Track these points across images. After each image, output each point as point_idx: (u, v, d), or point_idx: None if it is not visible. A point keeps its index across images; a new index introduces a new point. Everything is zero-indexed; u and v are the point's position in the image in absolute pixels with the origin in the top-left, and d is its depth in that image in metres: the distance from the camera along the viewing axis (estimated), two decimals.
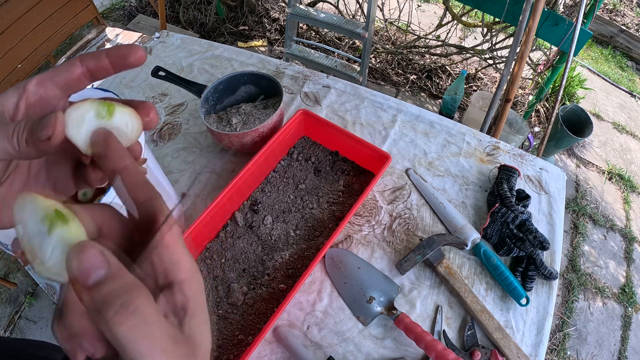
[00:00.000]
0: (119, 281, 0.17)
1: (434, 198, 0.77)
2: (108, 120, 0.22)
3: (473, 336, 0.63)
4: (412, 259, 0.66)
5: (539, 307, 0.66)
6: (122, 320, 0.16)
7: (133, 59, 0.23)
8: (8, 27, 1.29)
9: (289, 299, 0.60)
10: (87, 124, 0.21)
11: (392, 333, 0.64)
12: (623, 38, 2.60)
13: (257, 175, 0.77)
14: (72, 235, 0.18)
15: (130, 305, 0.17)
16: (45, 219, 0.18)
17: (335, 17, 1.68)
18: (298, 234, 0.73)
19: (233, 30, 2.41)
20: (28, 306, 1.48)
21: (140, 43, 1.57)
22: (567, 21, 1.36)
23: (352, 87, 0.97)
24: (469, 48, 2.03)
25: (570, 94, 2.13)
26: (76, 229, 0.19)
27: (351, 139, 0.77)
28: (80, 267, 0.17)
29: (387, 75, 2.24)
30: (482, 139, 0.87)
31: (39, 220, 0.18)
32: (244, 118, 0.80)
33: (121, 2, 2.68)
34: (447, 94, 1.86)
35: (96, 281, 0.17)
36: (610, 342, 1.48)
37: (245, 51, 1.07)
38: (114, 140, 0.22)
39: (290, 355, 0.61)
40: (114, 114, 0.22)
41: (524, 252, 0.69)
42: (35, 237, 0.18)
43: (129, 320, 0.16)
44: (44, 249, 0.18)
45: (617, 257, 1.70)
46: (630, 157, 2.07)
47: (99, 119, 0.22)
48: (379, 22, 2.34)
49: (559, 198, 0.79)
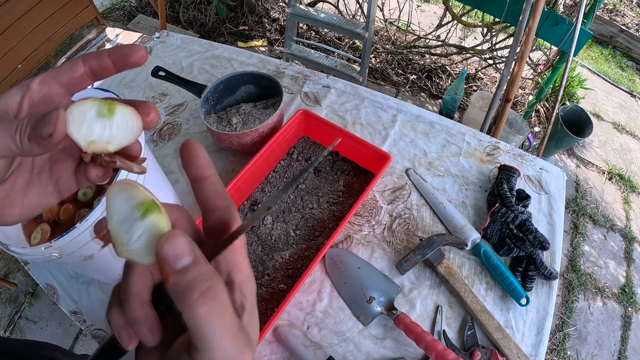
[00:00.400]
0: (202, 269, 0.19)
1: (434, 198, 0.77)
2: (109, 118, 0.22)
3: (473, 336, 0.63)
4: (412, 259, 0.66)
5: (539, 307, 0.66)
6: (205, 301, 0.18)
7: (134, 58, 0.24)
8: (8, 27, 1.29)
9: (289, 299, 0.60)
10: (88, 122, 0.22)
11: (392, 333, 0.64)
12: (623, 38, 2.60)
13: (257, 175, 0.77)
14: (162, 224, 0.20)
15: (212, 290, 0.19)
16: (141, 205, 0.20)
17: (335, 17, 1.68)
18: (298, 234, 0.73)
19: (233, 30, 2.41)
20: (28, 306, 1.48)
21: (140, 43, 1.57)
22: (567, 21, 1.36)
23: (352, 87, 0.97)
24: (469, 48, 2.03)
25: (570, 94, 2.13)
26: (165, 219, 0.21)
27: (351, 139, 0.77)
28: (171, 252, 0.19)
29: (387, 75, 2.24)
30: (482, 139, 0.87)
31: (134, 206, 0.20)
32: (244, 118, 0.80)
33: (121, 2, 2.68)
34: (447, 94, 1.86)
35: (184, 266, 0.19)
36: (610, 342, 1.48)
37: (245, 51, 1.07)
38: (201, 151, 0.24)
39: (290, 355, 0.62)
40: (114, 113, 0.22)
41: (524, 252, 0.69)
42: (125, 220, 0.20)
43: (210, 303, 0.18)
44: (133, 231, 0.20)
45: (617, 257, 1.70)
46: (630, 157, 2.07)
47: (100, 117, 0.22)
48: (379, 22, 2.34)
49: (559, 198, 0.79)
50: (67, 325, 1.43)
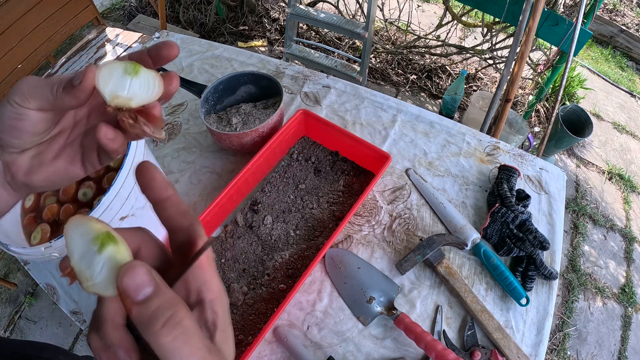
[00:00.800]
0: (164, 297, 0.19)
1: (434, 198, 0.77)
2: (134, 77, 0.24)
3: (473, 336, 0.63)
4: (412, 259, 0.66)
5: (539, 307, 0.66)
6: (168, 331, 0.18)
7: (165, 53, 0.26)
8: (8, 27, 1.29)
9: (289, 299, 0.60)
10: (114, 78, 0.24)
11: (392, 333, 0.64)
12: (623, 38, 2.60)
13: (257, 175, 0.77)
14: (120, 255, 0.20)
15: (175, 319, 0.19)
16: (96, 239, 0.20)
17: (335, 17, 1.68)
18: (298, 234, 0.73)
19: (233, 30, 2.41)
20: (28, 306, 1.48)
21: (140, 43, 1.57)
22: (567, 21, 1.36)
23: (352, 87, 0.97)
24: (469, 48, 2.03)
25: (570, 94, 2.13)
26: (123, 250, 0.21)
27: (351, 139, 0.77)
28: (131, 284, 0.19)
29: (387, 75, 2.24)
30: (482, 139, 0.87)
31: (90, 240, 0.20)
32: (244, 118, 0.80)
33: (121, 2, 2.68)
34: (447, 94, 1.86)
35: (145, 297, 0.19)
36: (610, 342, 1.48)
37: (245, 51, 1.07)
38: (158, 173, 0.24)
39: (290, 355, 0.62)
40: (139, 73, 0.25)
41: (524, 252, 0.69)
42: (85, 256, 0.20)
43: (174, 331, 0.19)
44: (94, 266, 0.20)
45: (617, 257, 1.70)
46: (630, 157, 2.07)
47: (126, 74, 0.24)
48: (379, 22, 2.34)
49: (559, 198, 0.79)
50: (67, 325, 1.43)
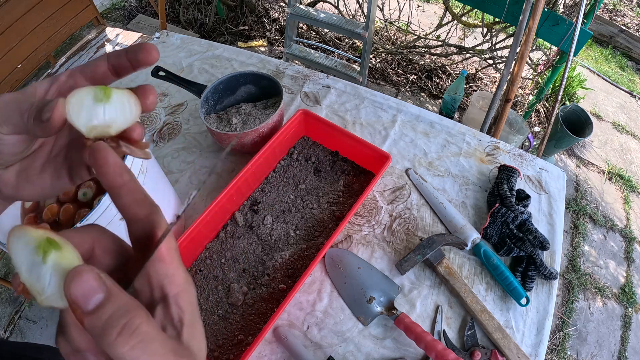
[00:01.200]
0: (117, 303, 0.18)
1: (434, 198, 0.77)
2: (106, 102, 0.22)
3: (473, 336, 0.63)
4: (412, 259, 0.66)
5: (539, 307, 0.66)
6: (125, 340, 0.17)
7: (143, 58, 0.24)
8: (8, 27, 1.29)
9: (289, 299, 0.60)
10: (86, 108, 0.22)
11: (392, 333, 0.64)
12: (623, 38, 2.60)
13: (257, 175, 0.77)
14: (66, 261, 0.18)
15: (131, 326, 0.17)
16: (38, 248, 0.18)
17: (335, 17, 1.68)
18: (298, 234, 0.73)
19: (233, 30, 2.41)
20: (28, 306, 1.48)
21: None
22: (567, 21, 1.36)
23: (352, 87, 0.97)
24: (469, 48, 2.03)
25: (570, 94, 2.13)
26: (69, 254, 0.19)
27: (351, 139, 0.77)
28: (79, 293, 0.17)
29: (387, 75, 2.24)
30: (482, 139, 0.87)
31: (33, 251, 0.18)
32: (244, 118, 0.80)
33: (121, 2, 2.68)
34: (447, 94, 1.86)
35: (96, 305, 0.17)
36: (610, 342, 1.48)
37: (245, 51, 1.07)
38: (112, 155, 0.22)
39: (290, 355, 0.61)
40: (111, 97, 0.23)
41: (524, 252, 0.69)
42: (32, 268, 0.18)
43: (131, 340, 0.17)
44: (42, 278, 0.18)
45: (617, 257, 1.70)
46: (630, 157, 2.07)
47: (97, 102, 0.22)
48: (379, 22, 2.34)
49: (559, 198, 0.79)
50: None
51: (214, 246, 0.72)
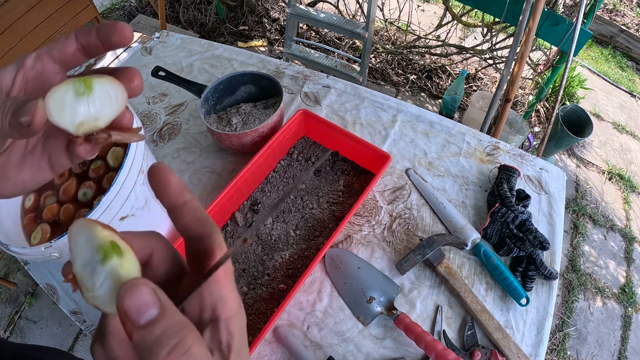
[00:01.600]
0: (171, 321, 0.17)
1: (434, 198, 0.77)
2: (88, 95, 0.21)
3: (473, 336, 0.63)
4: (412, 259, 0.66)
5: (539, 307, 0.66)
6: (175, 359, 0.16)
7: (117, 38, 0.22)
8: (8, 27, 1.29)
9: (289, 299, 0.60)
10: (68, 105, 0.20)
11: (392, 333, 0.64)
12: (623, 38, 2.60)
13: (257, 175, 0.77)
14: (125, 270, 0.18)
15: (182, 347, 0.17)
16: (100, 249, 0.18)
17: (335, 17, 1.68)
18: (298, 234, 0.73)
19: (233, 30, 2.41)
20: (28, 306, 1.48)
21: (140, 43, 1.57)
22: (567, 21, 1.36)
23: (352, 87, 0.97)
24: (469, 48, 2.03)
25: (570, 94, 2.13)
26: (130, 264, 0.19)
27: (351, 139, 0.77)
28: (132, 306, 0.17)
29: (387, 75, 2.24)
30: (482, 139, 0.87)
31: (94, 249, 0.18)
32: (244, 118, 0.80)
33: (121, 2, 2.68)
34: (447, 94, 1.86)
35: (148, 320, 0.17)
36: (610, 342, 1.48)
37: (245, 51, 1.07)
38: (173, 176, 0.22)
39: (290, 355, 0.62)
40: (93, 88, 0.21)
41: (524, 252, 0.69)
42: (88, 264, 0.18)
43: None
44: (96, 277, 0.18)
45: (617, 257, 1.70)
46: (630, 157, 2.07)
47: (79, 96, 0.21)
48: (379, 22, 2.34)
49: (559, 198, 0.79)
50: (67, 325, 1.43)
51: None
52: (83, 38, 0.23)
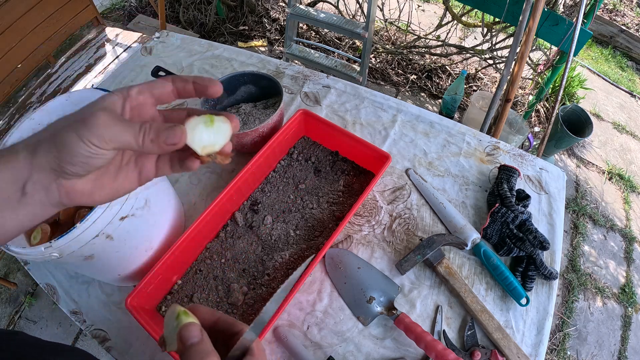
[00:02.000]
0: (205, 346, 0.28)
1: (434, 198, 0.77)
2: (211, 127, 0.30)
3: (473, 336, 0.63)
4: (412, 259, 0.66)
5: (539, 307, 0.66)
6: None
7: (211, 91, 0.30)
8: (8, 27, 1.29)
9: (289, 299, 0.60)
10: (198, 133, 0.29)
11: (392, 333, 0.64)
12: (623, 38, 2.60)
13: (257, 175, 0.77)
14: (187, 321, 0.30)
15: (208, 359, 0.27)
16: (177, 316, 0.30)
17: (335, 17, 1.68)
18: (298, 234, 0.73)
19: (233, 30, 2.41)
20: (28, 306, 1.48)
21: (140, 43, 1.57)
22: (567, 21, 1.36)
23: (352, 87, 0.97)
24: (469, 48, 2.03)
25: (570, 94, 2.13)
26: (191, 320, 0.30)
27: (351, 139, 0.77)
28: (186, 334, 0.28)
29: (387, 75, 2.24)
30: (482, 139, 0.87)
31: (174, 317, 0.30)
32: (244, 118, 0.80)
33: (121, 2, 2.68)
34: (447, 94, 1.87)
35: (192, 343, 0.28)
36: (610, 342, 1.48)
37: (245, 51, 1.07)
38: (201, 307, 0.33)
39: (290, 355, 0.62)
40: (214, 123, 0.30)
41: (524, 252, 0.69)
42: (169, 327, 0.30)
43: None
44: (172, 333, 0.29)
45: (617, 257, 1.70)
46: (630, 157, 2.07)
47: (207, 127, 0.29)
48: (379, 22, 2.34)
49: (559, 198, 0.79)
50: (67, 325, 1.43)
51: (214, 246, 0.72)
52: (180, 84, 0.30)
